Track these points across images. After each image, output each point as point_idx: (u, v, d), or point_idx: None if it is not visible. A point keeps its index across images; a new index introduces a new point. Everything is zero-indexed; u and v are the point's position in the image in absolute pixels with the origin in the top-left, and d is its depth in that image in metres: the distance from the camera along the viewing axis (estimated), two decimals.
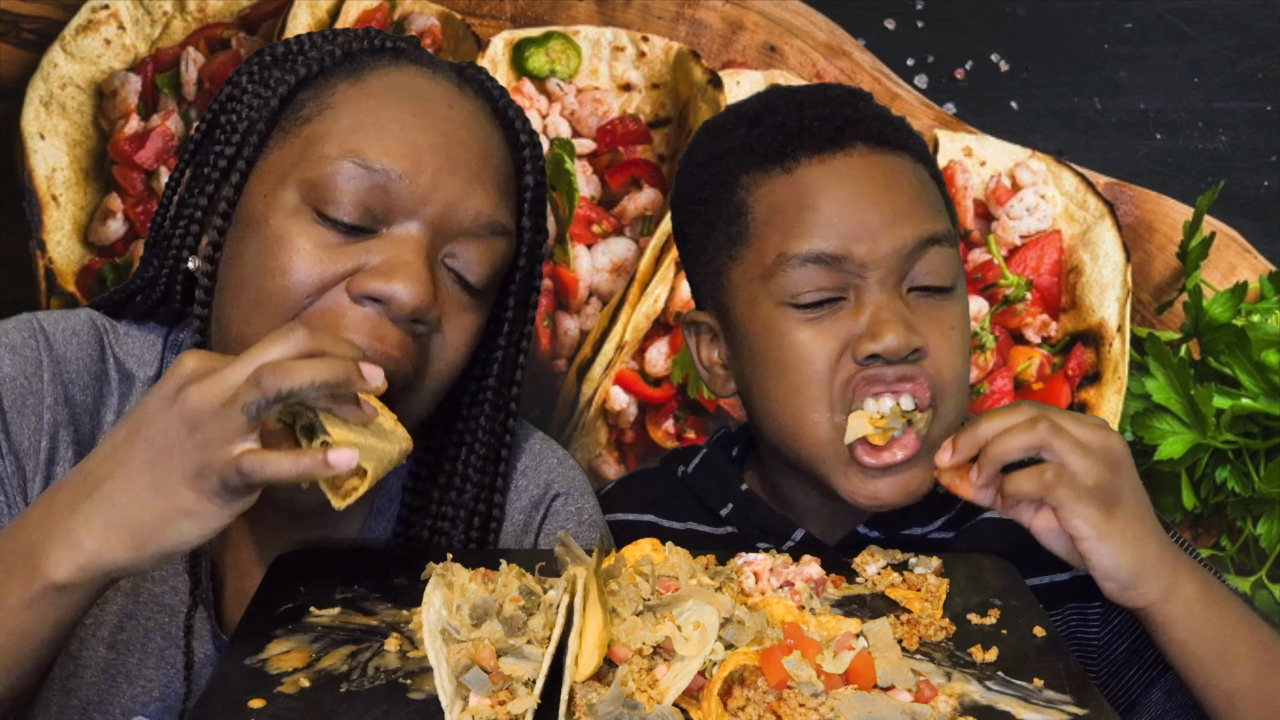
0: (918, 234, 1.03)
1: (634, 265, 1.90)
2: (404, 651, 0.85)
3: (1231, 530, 1.94)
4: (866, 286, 1.03)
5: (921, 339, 1.03)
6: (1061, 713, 0.78)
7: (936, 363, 1.04)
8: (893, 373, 1.03)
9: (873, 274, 1.03)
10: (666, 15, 1.98)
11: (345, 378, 0.83)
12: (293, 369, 0.81)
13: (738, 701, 0.76)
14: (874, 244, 1.03)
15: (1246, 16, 1.89)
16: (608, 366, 1.89)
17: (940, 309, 1.05)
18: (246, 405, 0.81)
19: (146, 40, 2.00)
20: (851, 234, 1.03)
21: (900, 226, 1.03)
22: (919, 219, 1.04)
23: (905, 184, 1.05)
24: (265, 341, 0.84)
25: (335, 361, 0.83)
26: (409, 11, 1.97)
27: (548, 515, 1.15)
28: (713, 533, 1.17)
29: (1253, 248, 1.94)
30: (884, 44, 1.93)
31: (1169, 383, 1.86)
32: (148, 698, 1.06)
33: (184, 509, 0.83)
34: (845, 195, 1.04)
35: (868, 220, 1.03)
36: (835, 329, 1.04)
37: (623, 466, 1.97)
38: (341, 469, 0.83)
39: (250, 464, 0.81)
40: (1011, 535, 1.09)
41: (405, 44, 1.07)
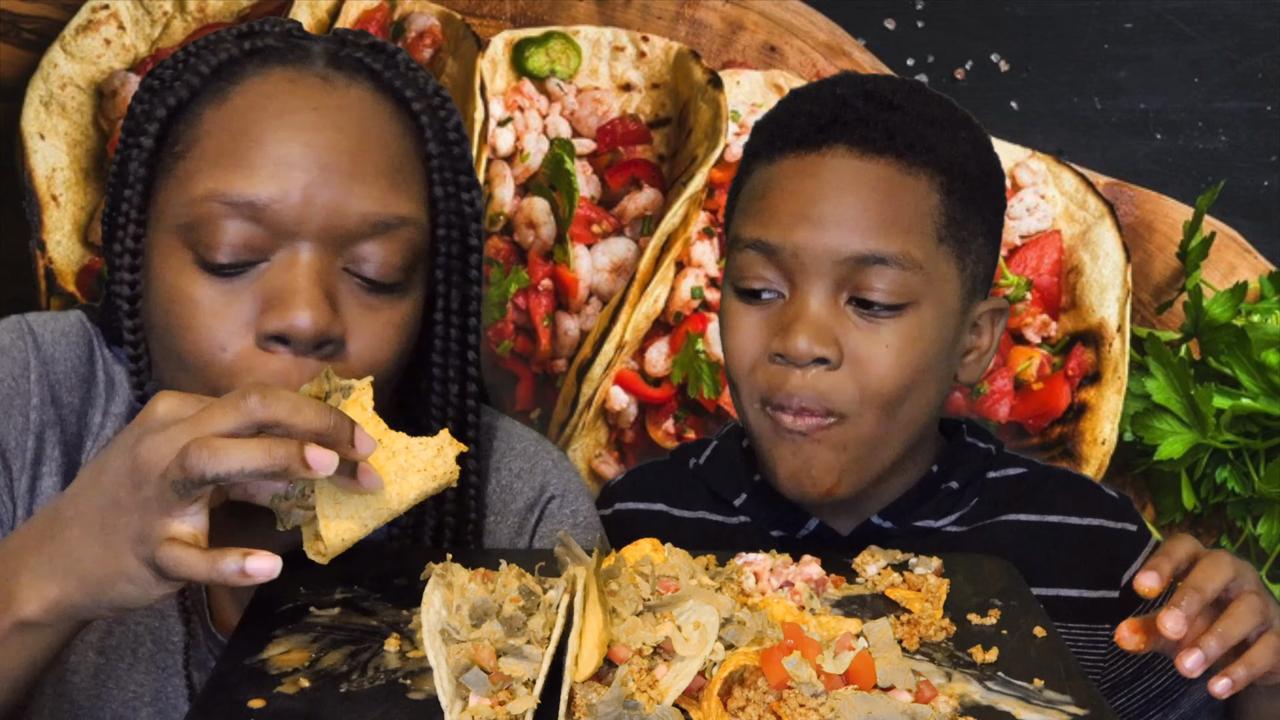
0: (858, 249, 1.02)
1: (634, 265, 1.90)
2: (404, 651, 0.85)
3: (1231, 530, 1.95)
4: (799, 286, 1.04)
5: (834, 350, 1.03)
6: (1061, 713, 0.78)
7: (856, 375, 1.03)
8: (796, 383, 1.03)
9: (807, 274, 1.03)
10: (666, 15, 1.98)
11: (282, 466, 0.76)
12: (221, 452, 0.75)
13: (738, 701, 0.76)
14: (811, 246, 1.03)
15: (1246, 16, 1.89)
16: (608, 366, 1.89)
17: (879, 325, 1.04)
18: (173, 482, 0.76)
19: (146, 40, 2.00)
20: (794, 230, 1.03)
21: (843, 235, 1.02)
22: (866, 233, 1.02)
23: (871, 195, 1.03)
24: (215, 406, 0.78)
25: (275, 446, 0.76)
26: (409, 11, 1.97)
27: (542, 517, 1.13)
28: (725, 522, 1.17)
29: (1253, 248, 1.94)
30: (884, 44, 1.93)
31: (1169, 383, 1.86)
32: (139, 702, 1.04)
33: (126, 573, 0.79)
34: (802, 192, 1.04)
35: (811, 220, 1.03)
36: (765, 322, 1.06)
37: (623, 466, 1.97)
38: (258, 579, 0.77)
39: (164, 557, 0.77)
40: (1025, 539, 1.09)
41: (276, 38, 1.00)
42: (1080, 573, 1.09)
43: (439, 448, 0.85)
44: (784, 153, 1.06)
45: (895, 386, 1.04)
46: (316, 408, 0.78)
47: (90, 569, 0.80)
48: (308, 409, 0.78)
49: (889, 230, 1.03)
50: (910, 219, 1.04)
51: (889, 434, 1.06)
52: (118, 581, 0.80)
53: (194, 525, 0.78)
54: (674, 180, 1.93)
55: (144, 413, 0.80)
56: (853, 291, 1.03)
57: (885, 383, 1.04)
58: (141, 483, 0.78)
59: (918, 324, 1.04)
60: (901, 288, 1.03)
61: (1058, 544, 1.10)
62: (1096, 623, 1.09)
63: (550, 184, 1.93)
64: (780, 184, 1.05)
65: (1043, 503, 1.13)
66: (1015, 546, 1.08)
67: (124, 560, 0.79)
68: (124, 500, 0.79)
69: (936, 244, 1.04)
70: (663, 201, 1.93)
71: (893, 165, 1.04)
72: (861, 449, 1.05)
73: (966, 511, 1.12)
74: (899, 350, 1.04)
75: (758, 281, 1.05)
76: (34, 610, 0.81)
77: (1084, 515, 1.12)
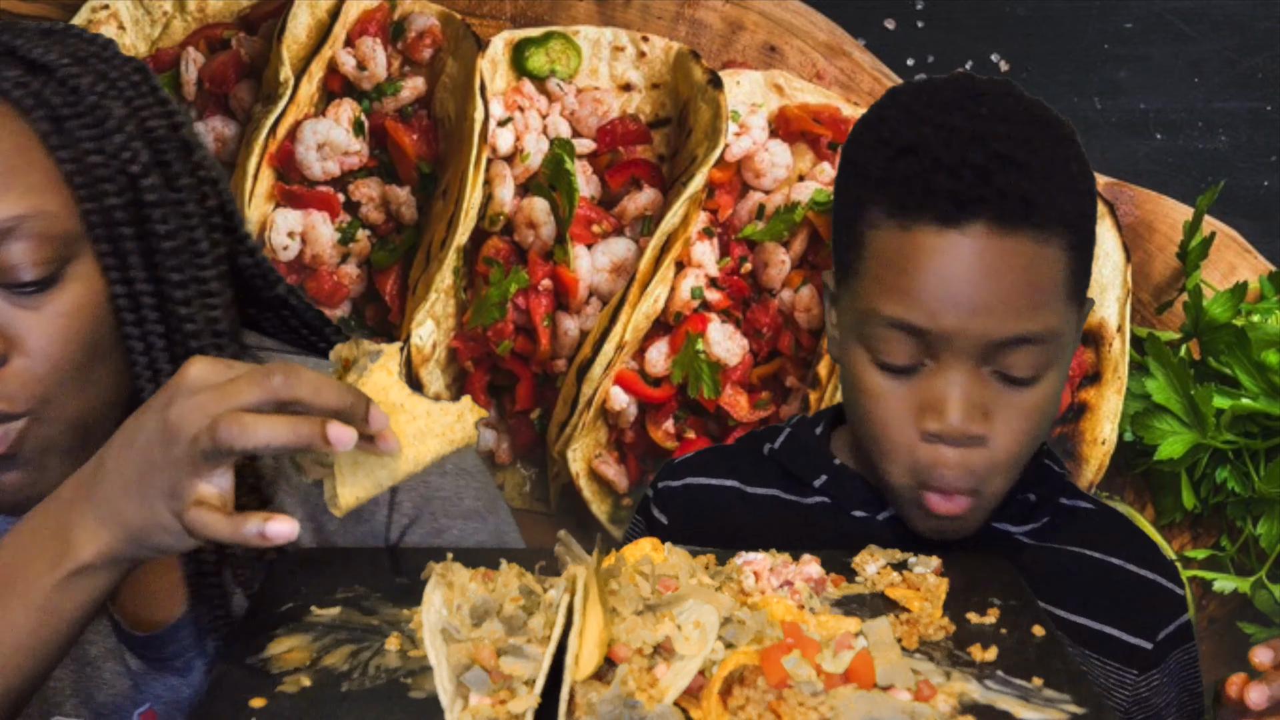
0: (1006, 331, 1.02)
1: (634, 265, 1.90)
2: (404, 651, 0.85)
3: (1231, 530, 1.95)
4: (945, 361, 1.03)
5: (985, 425, 1.03)
6: (1061, 712, 0.79)
7: (999, 447, 1.04)
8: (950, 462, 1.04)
9: (953, 353, 1.03)
10: (666, 15, 1.98)
11: (306, 441, 0.81)
12: (250, 426, 0.81)
13: (738, 701, 0.76)
14: (959, 328, 1.01)
15: (1246, 16, 1.89)
16: (608, 366, 1.89)
17: (1018, 395, 1.04)
18: (202, 450, 0.81)
19: (146, 40, 2.00)
20: (940, 315, 1.01)
21: (991, 319, 1.01)
22: (1014, 315, 1.02)
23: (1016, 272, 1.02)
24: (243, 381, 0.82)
25: (299, 423, 0.81)
26: (409, 11, 1.97)
27: None
28: (800, 501, 1.18)
29: (1253, 248, 1.94)
30: (884, 44, 1.93)
31: (1169, 383, 1.86)
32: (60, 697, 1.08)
33: (162, 524, 0.84)
34: (948, 275, 1.02)
35: (960, 304, 1.01)
36: (909, 394, 1.05)
37: (623, 467, 1.98)
38: (277, 541, 0.82)
39: (192, 518, 0.82)
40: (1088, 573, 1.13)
41: None
42: (1123, 616, 1.13)
43: (459, 413, 0.88)
44: (920, 223, 1.02)
45: (1024, 453, 1.06)
46: (335, 388, 0.83)
47: (130, 519, 0.85)
48: (327, 389, 0.83)
49: (1033, 312, 1.02)
50: (1049, 293, 1.04)
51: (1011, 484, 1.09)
52: (155, 531, 0.85)
53: (219, 486, 0.84)
54: (674, 180, 1.93)
55: (177, 376, 0.85)
56: (996, 366, 1.03)
57: (1021, 449, 1.06)
58: (172, 443, 0.82)
59: (1052, 387, 1.06)
60: (1042, 359, 1.04)
61: (1113, 584, 1.14)
62: (1125, 666, 1.12)
63: (550, 184, 1.93)
64: (920, 261, 1.03)
65: (1109, 545, 1.16)
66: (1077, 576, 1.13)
67: (159, 513, 0.84)
68: (157, 458, 0.83)
69: (1067, 304, 1.05)
70: (663, 201, 1.93)
71: (1029, 237, 1.02)
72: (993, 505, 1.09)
73: (1039, 527, 1.15)
74: (1036, 418, 1.05)
75: (901, 358, 1.04)
76: (89, 555, 0.86)
77: (1141, 566, 1.15)
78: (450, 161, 1.94)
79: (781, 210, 1.93)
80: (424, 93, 1.98)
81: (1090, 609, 1.11)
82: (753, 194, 1.96)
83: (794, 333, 1.94)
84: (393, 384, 0.87)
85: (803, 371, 1.94)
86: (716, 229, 1.95)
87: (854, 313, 1.07)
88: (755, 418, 1.95)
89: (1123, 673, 1.12)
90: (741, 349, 1.94)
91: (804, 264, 1.95)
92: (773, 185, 1.95)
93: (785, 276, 1.94)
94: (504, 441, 2.01)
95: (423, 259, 1.95)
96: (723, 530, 1.17)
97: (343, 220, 1.96)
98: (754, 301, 1.96)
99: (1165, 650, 1.12)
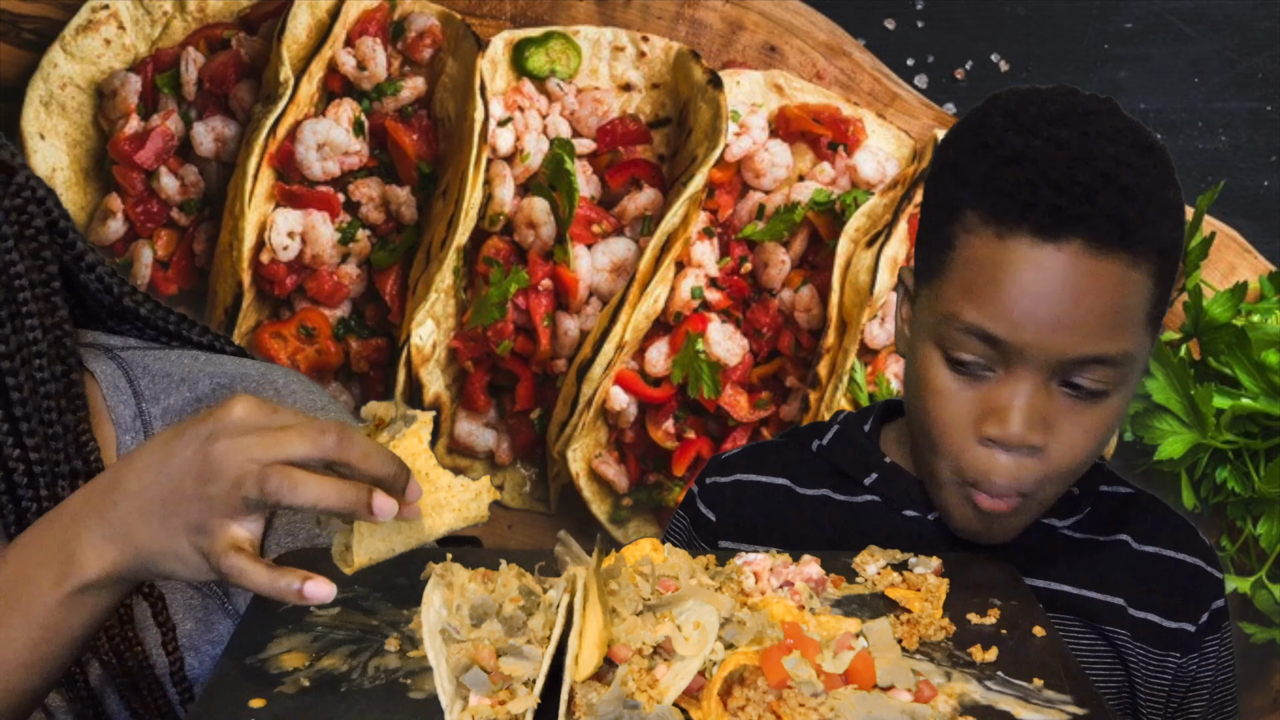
0: (1084, 350, 1.02)
1: (634, 265, 1.90)
2: (404, 651, 0.85)
3: (1231, 530, 1.95)
4: (1015, 371, 1.04)
5: (1043, 437, 1.04)
6: (1061, 712, 0.79)
7: (1052, 459, 1.05)
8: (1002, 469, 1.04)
9: (1026, 364, 1.03)
10: (666, 15, 1.98)
11: (351, 509, 0.82)
12: (300, 484, 0.81)
13: (738, 701, 0.76)
14: (1038, 343, 1.02)
15: (1246, 16, 1.89)
16: (608, 366, 1.89)
17: (1083, 411, 1.05)
18: (247, 497, 0.81)
19: (146, 40, 2.00)
20: (1022, 328, 1.02)
21: (1070, 340, 1.02)
22: (1095, 336, 1.02)
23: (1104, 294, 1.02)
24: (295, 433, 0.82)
25: (346, 489, 0.82)
26: (409, 11, 1.97)
27: None
28: (850, 501, 1.19)
29: (1253, 248, 1.94)
30: (884, 44, 1.93)
31: (1169, 383, 1.86)
32: None
33: (179, 554, 0.84)
34: (1035, 289, 1.02)
35: (1042, 319, 1.02)
36: (975, 397, 1.05)
37: (623, 466, 1.98)
38: (313, 602, 0.82)
39: (230, 564, 0.81)
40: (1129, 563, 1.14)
41: None
42: (1165, 601, 1.14)
43: (478, 492, 0.88)
44: (1017, 234, 1.03)
45: (1080, 465, 1.07)
46: (382, 455, 0.83)
47: (145, 543, 0.84)
48: (376, 456, 0.83)
49: (1113, 333, 1.03)
50: (1131, 316, 1.04)
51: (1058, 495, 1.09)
52: (168, 559, 0.84)
53: (252, 531, 0.83)
54: (674, 180, 1.93)
55: (221, 411, 0.84)
56: (1065, 378, 1.04)
57: (1077, 462, 1.06)
58: (210, 480, 0.82)
59: (1120, 404, 1.06)
60: (1113, 378, 1.04)
61: (1153, 570, 1.15)
62: (1168, 650, 1.13)
63: (550, 184, 1.93)
64: (1011, 273, 1.03)
65: (1147, 530, 1.16)
66: (1119, 564, 1.13)
67: (178, 543, 0.83)
68: (188, 491, 0.83)
69: (1145, 329, 1.06)
70: (663, 201, 1.93)
71: (1122, 260, 1.02)
72: (1039, 511, 1.09)
73: (1082, 518, 1.16)
74: (1097, 434, 1.06)
75: (972, 357, 1.05)
76: (94, 573, 0.85)
77: (1180, 551, 1.16)
78: (450, 161, 1.94)
79: (781, 210, 1.93)
80: (424, 93, 1.97)
81: (1132, 596, 1.12)
82: (753, 194, 1.96)
83: (794, 333, 1.94)
84: (421, 451, 0.88)
85: (803, 371, 1.94)
86: (716, 229, 1.95)
87: (933, 312, 1.07)
88: (755, 418, 1.95)
89: (1165, 657, 1.13)
90: (741, 349, 1.94)
91: (804, 264, 1.95)
92: (773, 185, 1.95)
93: (785, 276, 1.94)
94: (504, 441, 2.01)
95: (423, 259, 1.95)
96: (772, 528, 1.17)
97: (343, 220, 1.96)
98: (754, 301, 1.96)
99: (1205, 632, 1.14)
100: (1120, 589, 1.13)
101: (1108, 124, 1.08)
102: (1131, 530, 1.16)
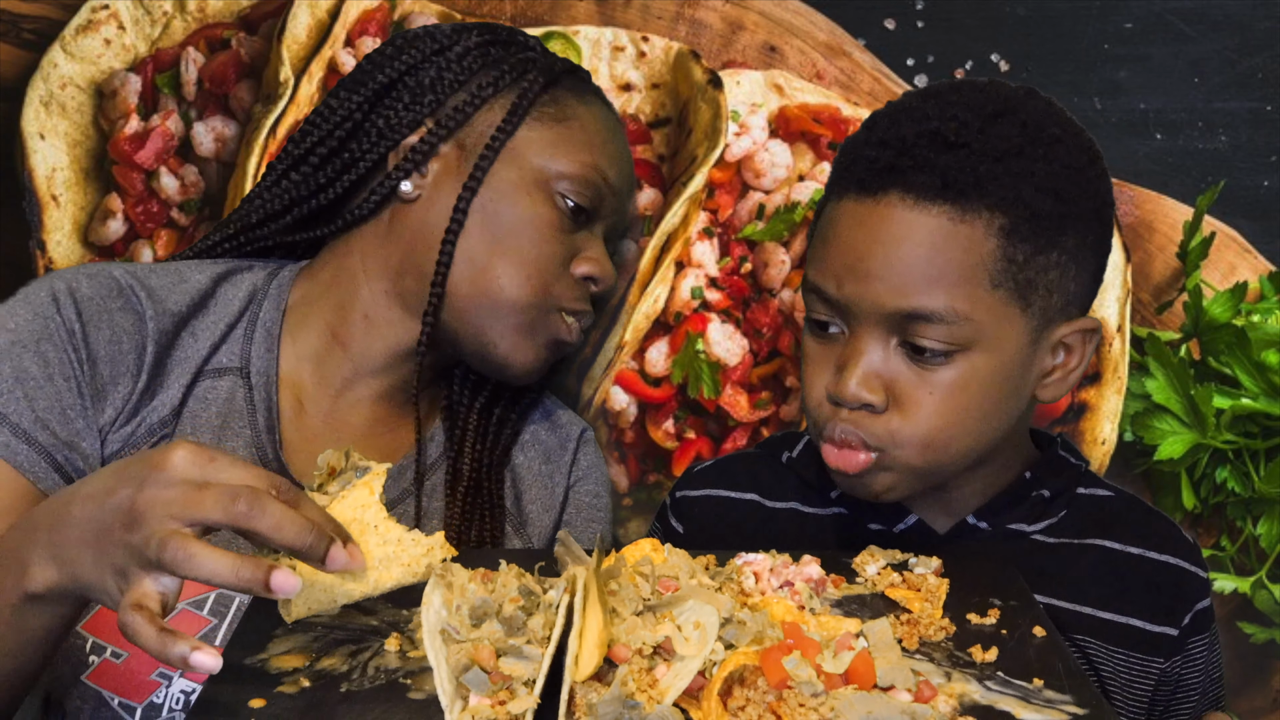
0: (902, 305, 1.03)
1: (634, 265, 1.90)
2: (404, 651, 0.85)
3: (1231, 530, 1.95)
4: (856, 330, 1.06)
5: (880, 396, 1.04)
6: (1061, 713, 0.79)
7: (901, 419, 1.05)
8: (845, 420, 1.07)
9: (860, 323, 1.05)
10: (666, 15, 1.98)
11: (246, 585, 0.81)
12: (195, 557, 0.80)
13: (738, 701, 0.76)
14: (859, 299, 1.04)
15: (1246, 16, 1.89)
16: (608, 366, 1.89)
17: (927, 372, 1.04)
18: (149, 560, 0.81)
19: (146, 40, 2.00)
20: (844, 282, 1.04)
21: (888, 292, 1.02)
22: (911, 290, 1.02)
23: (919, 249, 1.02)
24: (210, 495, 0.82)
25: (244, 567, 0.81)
26: (409, 11, 1.97)
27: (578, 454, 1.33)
28: (819, 513, 1.19)
29: (1253, 248, 1.94)
30: (884, 44, 1.93)
31: (1169, 383, 1.86)
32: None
33: (107, 590, 0.85)
34: (854, 244, 1.04)
35: (859, 274, 1.04)
36: (828, 358, 1.09)
37: (623, 466, 1.97)
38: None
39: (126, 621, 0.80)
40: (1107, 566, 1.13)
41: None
42: (1147, 605, 1.13)
43: (429, 548, 0.89)
44: (844, 194, 1.07)
45: (935, 430, 1.05)
46: (295, 525, 0.82)
47: (82, 572, 0.86)
48: (288, 527, 0.82)
49: (934, 286, 1.02)
50: (959, 271, 1.02)
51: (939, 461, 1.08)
52: (100, 592, 0.86)
53: (165, 586, 0.83)
54: (674, 180, 1.93)
55: (160, 457, 0.85)
56: (904, 337, 1.04)
57: (924, 426, 1.05)
58: (132, 528, 0.83)
59: (969, 369, 1.04)
60: (949, 338, 1.03)
61: (1134, 575, 1.14)
62: (1151, 655, 1.12)
63: None
64: (837, 230, 1.07)
65: (1127, 533, 1.16)
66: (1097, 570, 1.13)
67: (106, 581, 0.85)
68: (116, 535, 0.84)
69: (990, 290, 1.03)
70: (663, 201, 1.93)
71: (945, 213, 1.02)
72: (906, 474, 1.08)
73: (1055, 522, 1.15)
74: (944, 396, 1.04)
75: (821, 316, 1.09)
76: (39, 586, 0.87)
77: (1162, 552, 1.15)
78: None
79: (781, 210, 1.93)
80: None
81: (1113, 602, 1.12)
82: (753, 194, 1.96)
83: (794, 333, 1.94)
84: (372, 504, 0.88)
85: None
86: (716, 229, 1.95)
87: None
88: (755, 418, 1.95)
89: (1149, 662, 1.13)
90: (741, 349, 1.94)
91: (804, 264, 1.95)
92: (773, 185, 1.95)
93: (785, 276, 1.94)
94: None
95: None
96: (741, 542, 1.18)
97: None
98: (754, 301, 1.96)
99: (1189, 635, 1.13)
100: (1096, 595, 1.12)
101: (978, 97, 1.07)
102: (1111, 533, 1.15)
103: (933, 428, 1.04)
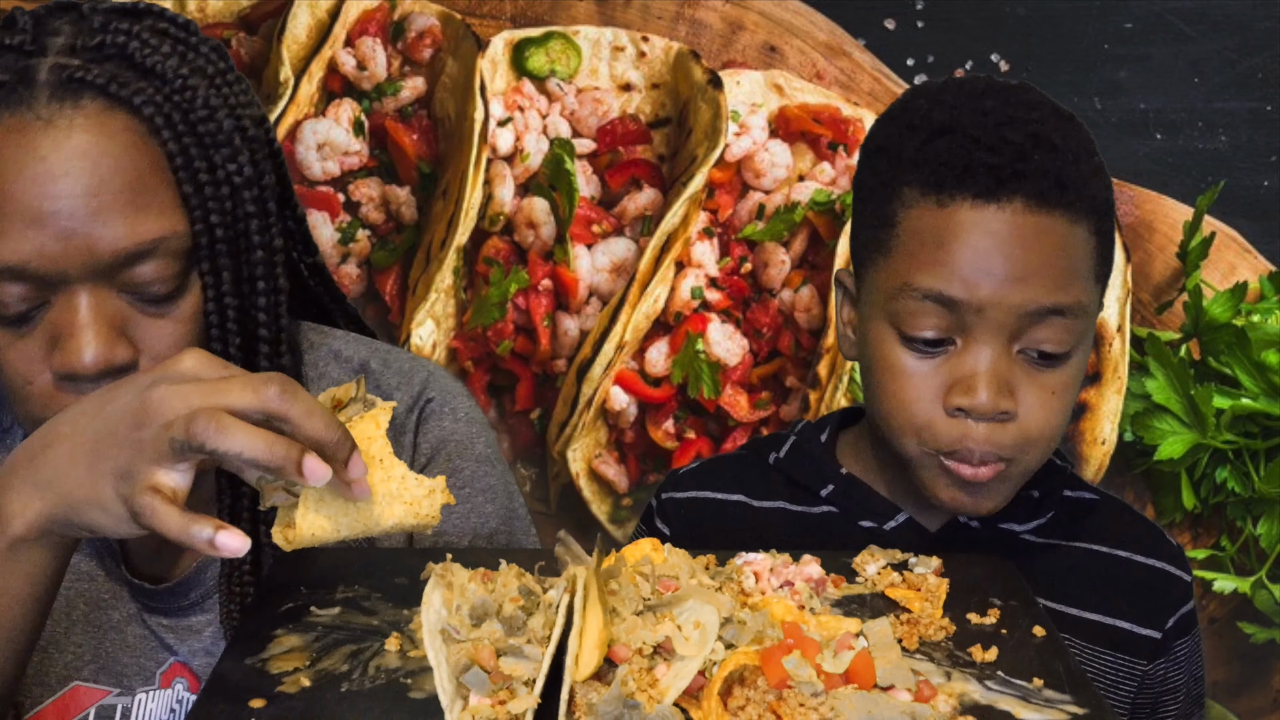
0: (1041, 301, 1.03)
1: (634, 265, 1.90)
2: (404, 651, 0.85)
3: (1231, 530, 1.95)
4: (975, 337, 1.05)
5: (1013, 402, 1.05)
6: (1061, 712, 0.79)
7: (1026, 424, 1.06)
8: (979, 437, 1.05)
9: (985, 327, 1.04)
10: (666, 15, 1.98)
11: (278, 465, 0.78)
12: (228, 430, 0.77)
13: (738, 701, 0.76)
14: (995, 299, 1.03)
15: (1246, 16, 1.89)
16: (608, 366, 1.89)
17: (1047, 373, 1.06)
18: (174, 439, 0.78)
19: None
20: (976, 284, 1.03)
21: (1026, 290, 1.03)
22: (1048, 286, 1.04)
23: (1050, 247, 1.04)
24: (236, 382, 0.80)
25: (277, 444, 0.78)
26: (409, 11, 1.97)
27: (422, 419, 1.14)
28: (807, 512, 1.19)
29: (1253, 248, 1.94)
30: (884, 44, 1.93)
31: (1169, 383, 1.86)
32: (80, 663, 1.07)
33: (102, 502, 0.81)
34: (984, 247, 1.04)
35: (996, 275, 1.03)
36: (937, 371, 1.06)
37: (623, 466, 1.98)
38: (224, 554, 0.78)
39: (143, 504, 0.78)
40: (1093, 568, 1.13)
41: (6, 67, 0.96)
42: (1132, 608, 1.14)
43: (431, 489, 0.87)
44: (957, 199, 1.05)
45: (1056, 430, 1.08)
46: (326, 418, 0.80)
47: (70, 488, 0.82)
48: (318, 417, 0.80)
49: (1064, 284, 1.04)
50: (1079, 267, 1.06)
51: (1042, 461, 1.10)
52: (92, 507, 0.82)
53: (177, 482, 0.80)
54: (674, 180, 1.93)
55: (170, 362, 0.82)
56: (1025, 343, 1.04)
57: (1051, 426, 1.07)
58: (143, 424, 0.79)
59: (1077, 368, 1.08)
60: (1071, 335, 1.05)
61: (1119, 577, 1.15)
62: (1135, 657, 1.13)
63: (550, 184, 1.93)
64: (958, 235, 1.04)
65: (1114, 536, 1.17)
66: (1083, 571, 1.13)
67: (102, 489, 0.81)
68: (121, 434, 0.80)
69: (1092, 284, 1.07)
70: (663, 201, 1.93)
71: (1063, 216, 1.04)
72: (1018, 481, 1.09)
73: (1044, 522, 1.16)
74: (1064, 394, 1.07)
75: (931, 331, 1.05)
76: (20, 527, 0.83)
77: (1148, 555, 1.16)
78: (450, 161, 1.94)
79: (781, 210, 1.94)
80: (424, 93, 1.98)
81: (1098, 604, 1.12)
82: (753, 194, 1.96)
83: (794, 333, 1.94)
84: (377, 437, 0.86)
85: (803, 371, 1.94)
86: (716, 229, 1.95)
87: (884, 292, 1.08)
88: (755, 418, 1.95)
89: (1133, 664, 1.13)
90: (741, 349, 1.94)
91: (804, 264, 1.95)
92: (773, 185, 1.95)
93: (785, 276, 1.94)
94: (504, 441, 2.01)
95: (423, 259, 1.95)
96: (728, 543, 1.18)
97: (343, 220, 1.96)
98: (754, 301, 1.96)
99: (1172, 638, 1.13)
100: (1082, 596, 1.12)
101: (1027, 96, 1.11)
102: (1098, 536, 1.16)
103: (1055, 429, 1.07)
